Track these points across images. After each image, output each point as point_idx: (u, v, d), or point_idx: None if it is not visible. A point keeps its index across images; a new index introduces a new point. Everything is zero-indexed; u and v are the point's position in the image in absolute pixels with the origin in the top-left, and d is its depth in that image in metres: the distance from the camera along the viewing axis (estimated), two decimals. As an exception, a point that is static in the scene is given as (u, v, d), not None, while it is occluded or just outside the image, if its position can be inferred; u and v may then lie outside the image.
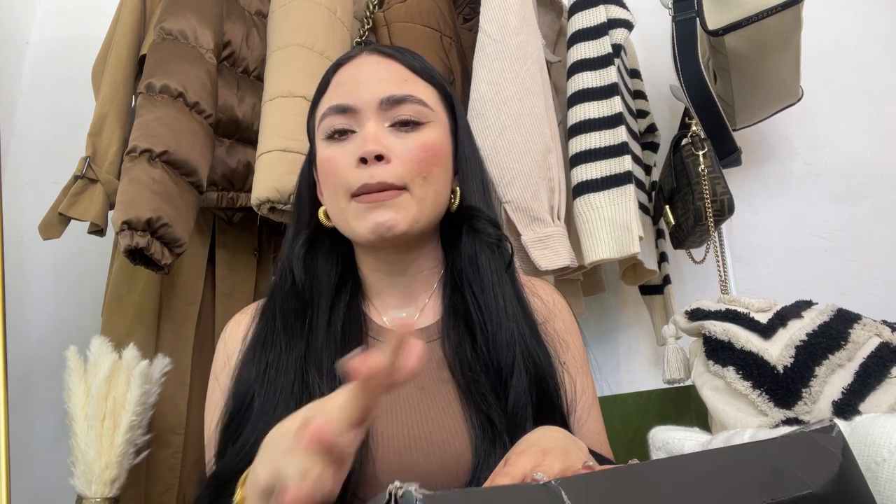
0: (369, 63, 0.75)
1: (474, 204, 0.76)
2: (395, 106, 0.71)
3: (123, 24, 1.27)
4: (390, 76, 0.74)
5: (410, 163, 0.70)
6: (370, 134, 0.70)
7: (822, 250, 1.55)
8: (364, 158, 0.68)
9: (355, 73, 0.74)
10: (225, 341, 0.76)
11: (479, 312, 0.71)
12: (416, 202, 0.70)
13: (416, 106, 0.72)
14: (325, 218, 0.76)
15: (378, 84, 0.72)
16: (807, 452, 0.38)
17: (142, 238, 1.00)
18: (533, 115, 1.15)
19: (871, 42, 1.64)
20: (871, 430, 0.69)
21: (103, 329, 1.21)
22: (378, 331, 0.74)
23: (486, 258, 0.73)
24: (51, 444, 1.47)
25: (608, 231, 1.14)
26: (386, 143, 0.70)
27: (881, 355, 0.96)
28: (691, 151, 1.34)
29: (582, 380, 0.77)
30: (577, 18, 1.27)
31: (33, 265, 1.59)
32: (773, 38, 1.28)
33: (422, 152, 0.71)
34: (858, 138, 1.60)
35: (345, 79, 0.75)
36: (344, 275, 0.76)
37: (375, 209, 0.68)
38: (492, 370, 0.68)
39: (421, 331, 0.74)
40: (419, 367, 0.43)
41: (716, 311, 1.07)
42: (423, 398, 0.68)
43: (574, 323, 0.81)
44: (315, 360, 0.67)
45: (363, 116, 0.71)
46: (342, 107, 0.72)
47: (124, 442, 1.02)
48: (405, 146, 0.70)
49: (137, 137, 1.06)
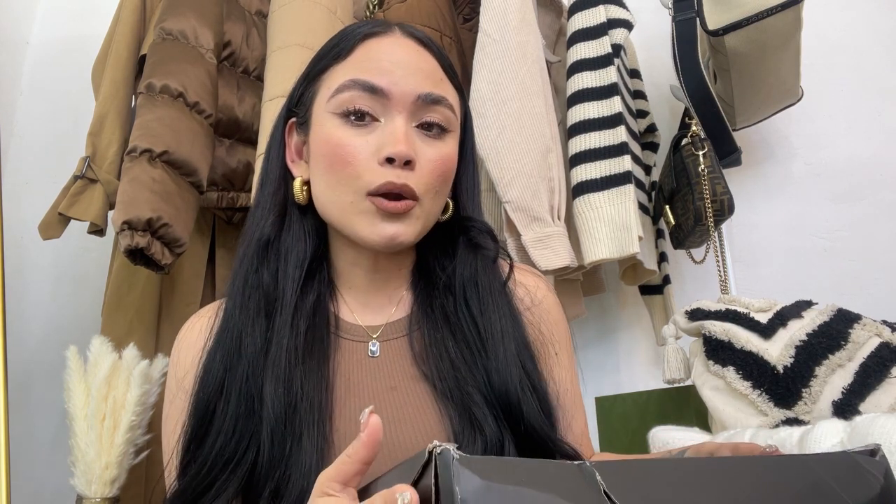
0: (407, 47, 0.67)
1: (470, 214, 0.72)
2: (429, 106, 0.65)
3: (123, 24, 1.27)
4: (430, 71, 0.67)
5: (431, 174, 0.65)
6: (401, 133, 0.63)
7: (822, 250, 1.55)
8: (392, 159, 0.62)
9: (391, 53, 0.66)
10: (186, 348, 0.69)
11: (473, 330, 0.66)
12: (423, 215, 0.66)
13: (448, 112, 0.67)
14: (300, 193, 0.68)
15: (417, 76, 0.65)
16: (848, 472, 0.37)
17: (142, 238, 1.00)
18: (533, 115, 1.15)
19: (871, 42, 1.64)
20: (872, 430, 0.69)
21: (103, 329, 1.21)
22: (347, 328, 0.69)
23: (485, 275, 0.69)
24: (51, 444, 1.47)
25: (608, 231, 1.14)
26: (415, 148, 0.64)
27: (881, 355, 0.96)
28: (691, 151, 1.34)
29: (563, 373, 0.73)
30: (576, 18, 1.28)
31: (33, 265, 1.59)
32: (773, 38, 1.28)
33: (441, 165, 0.66)
34: (858, 138, 1.60)
35: (376, 54, 0.66)
36: (312, 264, 0.68)
37: (390, 220, 0.63)
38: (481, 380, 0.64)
39: (392, 325, 0.70)
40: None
41: (716, 311, 1.07)
42: (395, 398, 0.64)
43: (561, 315, 0.77)
44: (271, 367, 0.61)
45: (394, 107, 0.64)
46: (373, 86, 0.63)
47: (124, 442, 1.02)
48: (429, 155, 0.65)
49: (137, 137, 1.06)
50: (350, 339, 0.68)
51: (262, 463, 0.57)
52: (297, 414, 0.59)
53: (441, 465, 0.32)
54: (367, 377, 0.65)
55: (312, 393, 0.60)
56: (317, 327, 0.65)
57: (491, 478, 0.31)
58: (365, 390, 0.64)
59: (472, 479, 0.31)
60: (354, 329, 0.68)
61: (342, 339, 0.68)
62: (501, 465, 0.32)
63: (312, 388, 0.61)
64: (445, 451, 0.32)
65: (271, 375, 0.60)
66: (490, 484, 0.31)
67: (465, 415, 0.61)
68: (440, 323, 0.67)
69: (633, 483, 0.33)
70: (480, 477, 0.31)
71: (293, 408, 0.59)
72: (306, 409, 0.59)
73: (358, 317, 0.70)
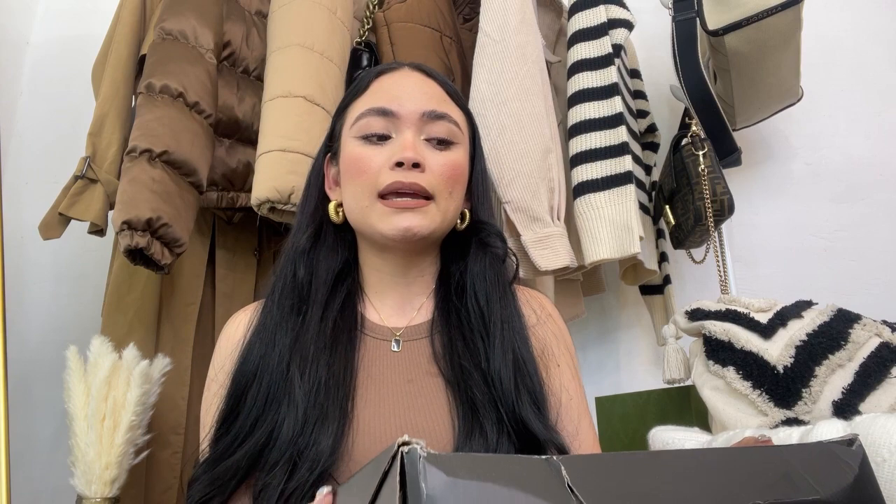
0: (413, 77, 0.80)
1: (484, 219, 0.81)
2: (434, 121, 0.76)
3: (123, 24, 1.27)
4: (433, 93, 0.79)
5: (441, 177, 0.74)
6: (409, 142, 0.74)
7: (822, 250, 1.55)
8: (401, 163, 0.72)
9: (399, 83, 0.79)
10: (225, 339, 0.78)
11: (480, 319, 0.74)
12: (440, 213, 0.74)
13: (452, 126, 0.77)
14: (335, 214, 0.79)
15: (421, 97, 0.77)
16: (822, 461, 0.37)
17: (142, 238, 1.00)
18: (533, 115, 1.15)
19: (871, 42, 1.64)
20: (872, 430, 0.69)
21: (103, 329, 1.21)
22: (372, 327, 0.76)
23: (493, 271, 0.78)
24: (51, 444, 1.47)
25: (608, 231, 1.14)
26: (423, 155, 0.74)
27: (881, 355, 0.96)
28: (691, 151, 1.34)
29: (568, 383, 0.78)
30: (577, 18, 1.27)
31: (33, 265, 1.59)
32: (773, 37, 1.28)
33: (451, 169, 0.76)
34: (858, 138, 1.60)
35: (388, 86, 0.79)
36: (343, 271, 0.79)
37: (402, 213, 0.72)
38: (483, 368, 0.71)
39: (415, 327, 0.77)
40: None
41: (716, 311, 1.07)
42: (410, 390, 0.71)
43: (565, 330, 0.84)
44: (300, 352, 0.70)
45: (403, 124, 0.75)
46: (384, 110, 0.76)
47: (124, 442, 1.02)
48: (438, 160, 0.75)
49: (137, 137, 1.06)
50: (374, 338, 0.76)
51: (281, 437, 0.65)
52: (321, 392, 0.67)
53: (408, 463, 0.32)
54: (387, 369, 0.73)
55: (338, 375, 0.69)
56: (344, 322, 0.74)
57: (457, 474, 0.32)
58: (385, 380, 0.72)
59: (438, 476, 0.32)
60: (379, 329, 0.77)
61: (367, 336, 0.76)
62: (468, 462, 0.33)
63: (337, 372, 0.69)
64: (413, 449, 0.33)
65: (300, 359, 0.69)
66: (456, 480, 0.32)
67: (469, 407, 0.69)
68: (455, 327, 0.75)
69: (600, 476, 0.34)
70: (446, 473, 0.32)
71: (319, 387, 0.67)
72: (331, 389, 0.68)
73: (384, 318, 0.78)
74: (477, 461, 0.33)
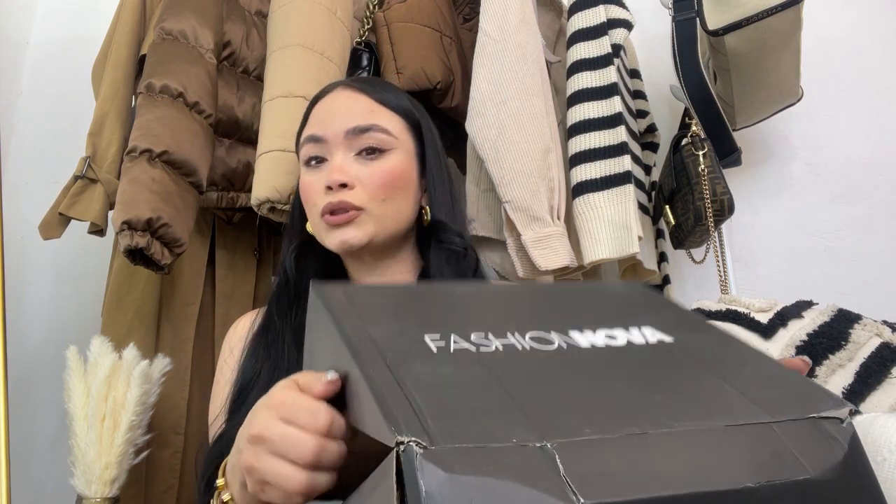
0: (341, 97, 0.87)
1: (441, 218, 0.87)
2: (359, 135, 0.82)
3: (123, 24, 1.27)
4: (358, 109, 0.85)
5: (371, 187, 0.81)
6: (336, 165, 0.82)
7: (822, 250, 1.55)
8: (330, 186, 0.80)
9: (329, 107, 0.86)
10: (233, 333, 0.88)
11: None
12: (373, 220, 0.81)
13: (379, 135, 0.83)
14: (310, 228, 0.88)
15: (345, 116, 0.84)
16: (812, 438, 0.37)
17: (142, 238, 1.00)
18: (533, 115, 1.15)
19: (871, 42, 1.64)
20: (872, 430, 0.69)
21: (103, 329, 1.21)
22: None
23: (450, 267, 0.84)
24: (51, 444, 1.47)
25: (608, 231, 1.14)
26: (350, 172, 0.81)
27: (882, 356, 0.96)
28: (691, 151, 1.34)
29: None
30: (576, 18, 1.27)
31: (33, 265, 1.59)
32: (773, 37, 1.28)
33: (382, 177, 0.82)
34: (858, 138, 1.59)
35: (319, 112, 0.87)
36: (331, 272, 0.88)
37: (339, 228, 0.81)
38: None
39: None
40: None
41: (716, 312, 1.07)
42: None
43: None
44: (297, 340, 0.77)
45: (332, 146, 0.83)
46: (314, 137, 0.84)
47: (124, 442, 1.02)
48: (368, 172, 0.82)
49: (137, 137, 1.06)
50: None
51: None
52: None
53: (405, 461, 0.32)
54: None
55: None
56: None
57: (454, 470, 0.32)
58: None
59: (437, 473, 0.31)
60: None
61: None
62: (465, 455, 0.33)
63: None
64: (409, 447, 0.32)
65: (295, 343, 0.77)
66: (453, 476, 0.31)
67: None
68: None
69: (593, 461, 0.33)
70: (444, 470, 0.31)
71: None
72: None
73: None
74: (475, 454, 0.33)
